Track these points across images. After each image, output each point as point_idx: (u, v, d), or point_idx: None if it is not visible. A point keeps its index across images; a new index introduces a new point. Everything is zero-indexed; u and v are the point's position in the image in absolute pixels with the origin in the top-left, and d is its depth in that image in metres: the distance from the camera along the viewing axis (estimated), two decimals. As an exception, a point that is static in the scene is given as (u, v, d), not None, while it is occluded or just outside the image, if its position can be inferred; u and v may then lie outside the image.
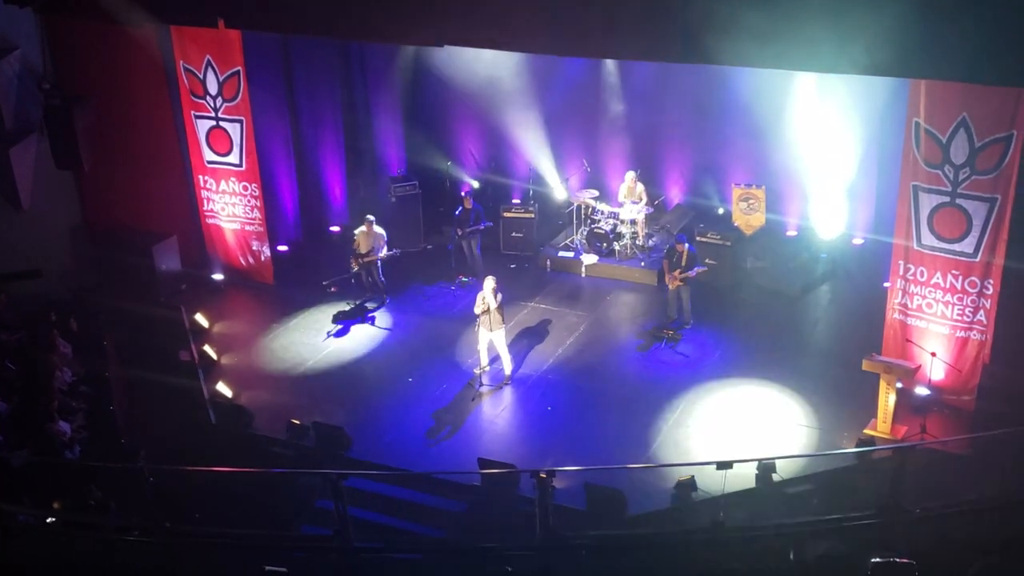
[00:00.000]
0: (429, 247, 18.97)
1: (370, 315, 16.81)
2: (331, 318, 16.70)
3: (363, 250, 16.73)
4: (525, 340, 15.84)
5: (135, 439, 13.83)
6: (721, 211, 18.15)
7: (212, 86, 16.67)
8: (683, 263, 15.50)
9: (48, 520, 11.96)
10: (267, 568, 9.77)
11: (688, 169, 18.74)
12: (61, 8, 16.26)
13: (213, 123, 16.99)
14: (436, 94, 19.66)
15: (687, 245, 15.66)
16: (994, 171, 12.18)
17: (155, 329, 16.32)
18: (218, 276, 18.10)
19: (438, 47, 16.49)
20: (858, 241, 17.36)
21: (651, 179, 18.40)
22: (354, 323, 16.61)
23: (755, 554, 10.25)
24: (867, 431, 13.02)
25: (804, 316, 16.28)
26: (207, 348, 15.97)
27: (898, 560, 7.88)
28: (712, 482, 11.74)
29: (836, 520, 10.90)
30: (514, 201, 19.29)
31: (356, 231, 16.90)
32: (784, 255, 17.24)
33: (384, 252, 16.80)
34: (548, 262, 18.28)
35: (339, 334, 16.40)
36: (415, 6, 13.81)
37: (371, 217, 16.91)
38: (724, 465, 10.69)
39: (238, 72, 16.39)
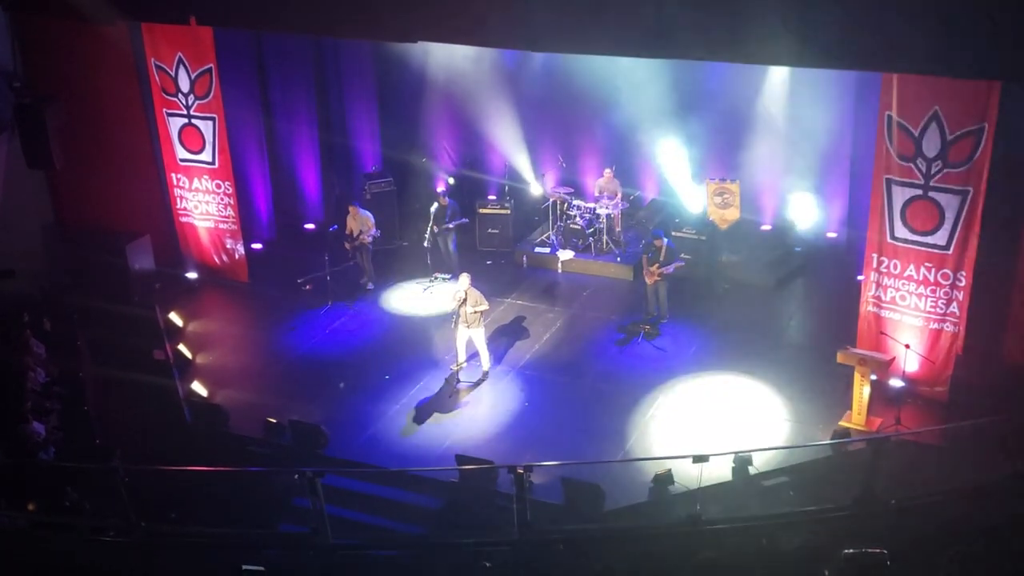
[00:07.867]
0: (404, 244, 18.93)
1: (347, 312, 16.75)
2: (307, 315, 16.63)
3: (355, 232, 16.86)
4: (502, 336, 15.83)
5: (110, 439, 13.74)
6: (697, 209, 18.20)
7: (184, 83, 16.56)
8: (661, 258, 15.53)
9: (23, 522, 11.86)
10: (244, 567, 9.77)
11: (662, 164, 18.74)
12: (31, 6, 16.15)
13: (185, 121, 16.88)
14: (411, 90, 19.57)
15: (665, 240, 15.69)
16: (966, 164, 12.27)
17: (129, 329, 16.20)
18: (192, 275, 17.99)
19: (412, 43, 16.44)
20: (832, 235, 17.46)
21: (626, 174, 18.41)
22: (331, 320, 16.55)
23: (731, 546, 10.28)
24: (842, 423, 13.10)
25: (779, 309, 16.33)
26: (182, 347, 15.90)
27: (869, 550, 7.91)
28: (689, 476, 11.78)
29: (812, 512, 10.96)
30: (490, 197, 19.25)
31: (348, 216, 17.08)
32: (759, 249, 17.32)
33: (375, 232, 17.06)
34: (524, 258, 18.27)
35: (316, 331, 16.33)
36: (389, 2, 13.76)
37: (356, 203, 17.21)
38: (701, 458, 10.71)
39: (210, 69, 16.28)
